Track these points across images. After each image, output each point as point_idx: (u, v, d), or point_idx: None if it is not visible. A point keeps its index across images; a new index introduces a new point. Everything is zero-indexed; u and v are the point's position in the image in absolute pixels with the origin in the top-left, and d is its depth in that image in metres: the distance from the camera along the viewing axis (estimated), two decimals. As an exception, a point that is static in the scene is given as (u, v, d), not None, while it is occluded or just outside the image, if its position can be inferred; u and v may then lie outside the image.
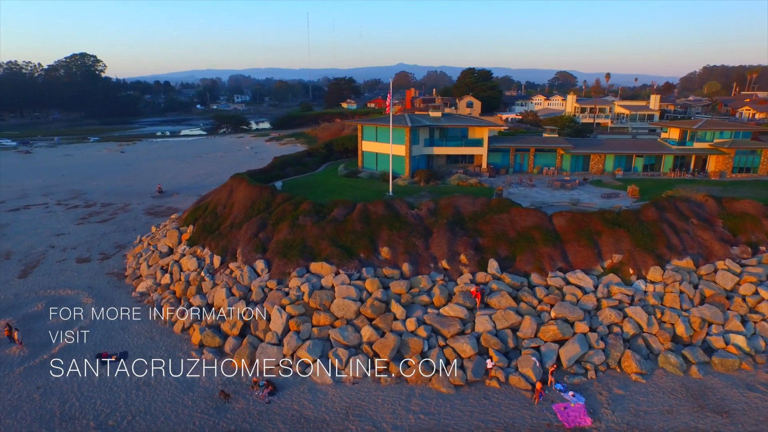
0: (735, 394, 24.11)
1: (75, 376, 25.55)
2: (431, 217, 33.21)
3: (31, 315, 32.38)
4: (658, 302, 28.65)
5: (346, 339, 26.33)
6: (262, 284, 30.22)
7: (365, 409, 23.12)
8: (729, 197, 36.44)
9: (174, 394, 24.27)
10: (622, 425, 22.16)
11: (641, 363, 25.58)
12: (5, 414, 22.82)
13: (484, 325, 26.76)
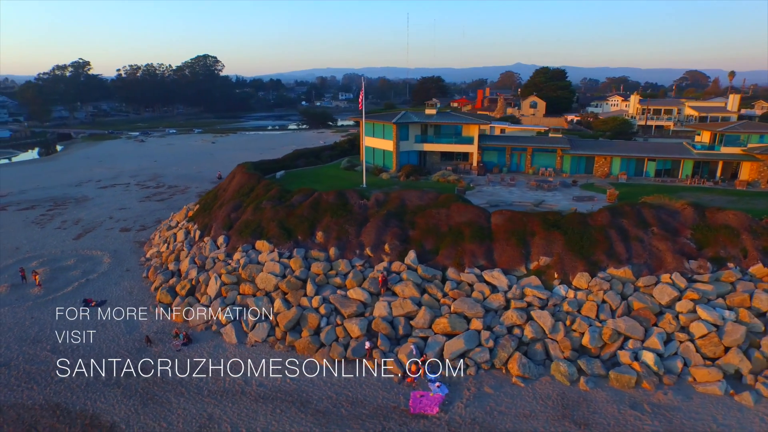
0: (611, 410, 22.82)
1: (62, 314, 32.94)
2: (375, 208, 35.24)
3: (62, 267, 41.39)
4: (574, 310, 27.48)
5: (259, 307, 30.03)
6: (215, 256, 35.26)
7: (248, 366, 26.61)
8: (715, 207, 32.50)
9: (117, 335, 30.25)
10: (466, 420, 22.63)
11: (529, 367, 25.22)
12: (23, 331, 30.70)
13: (381, 310, 28.46)
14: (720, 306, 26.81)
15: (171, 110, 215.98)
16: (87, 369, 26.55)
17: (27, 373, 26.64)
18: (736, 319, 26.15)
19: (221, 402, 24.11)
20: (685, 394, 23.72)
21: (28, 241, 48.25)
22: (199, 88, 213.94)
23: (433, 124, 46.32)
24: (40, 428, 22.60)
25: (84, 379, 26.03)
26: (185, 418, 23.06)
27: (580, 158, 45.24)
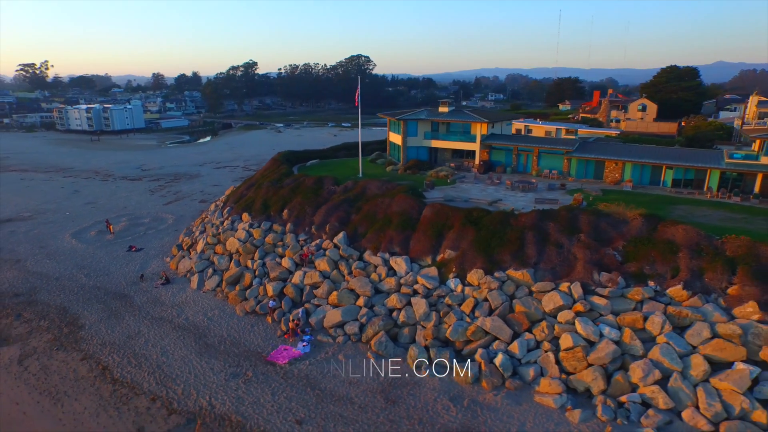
0: (429, 396, 24.41)
1: (110, 254, 45.74)
2: (339, 194, 39.98)
3: (139, 223, 55.69)
4: (455, 303, 28.61)
5: (219, 264, 37.86)
6: (216, 223, 44.33)
7: (191, 306, 34.60)
8: (671, 220, 29.02)
9: (129, 272, 41.36)
10: (301, 374, 26.75)
11: (386, 346, 27.80)
12: (64, 256, 44.54)
13: (296, 278, 33.61)
14: (609, 323, 25.14)
15: (323, 105, 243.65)
16: (95, 290, 37.79)
17: (63, 286, 39.07)
18: (618, 338, 24.41)
19: (152, 325, 32.46)
20: (516, 401, 23.72)
21: (134, 203, 65.11)
22: (349, 85, 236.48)
23: (443, 122, 48.22)
24: (47, 319, 33.89)
25: (88, 293, 37.21)
26: (123, 329, 31.99)
27: (588, 162, 41.95)
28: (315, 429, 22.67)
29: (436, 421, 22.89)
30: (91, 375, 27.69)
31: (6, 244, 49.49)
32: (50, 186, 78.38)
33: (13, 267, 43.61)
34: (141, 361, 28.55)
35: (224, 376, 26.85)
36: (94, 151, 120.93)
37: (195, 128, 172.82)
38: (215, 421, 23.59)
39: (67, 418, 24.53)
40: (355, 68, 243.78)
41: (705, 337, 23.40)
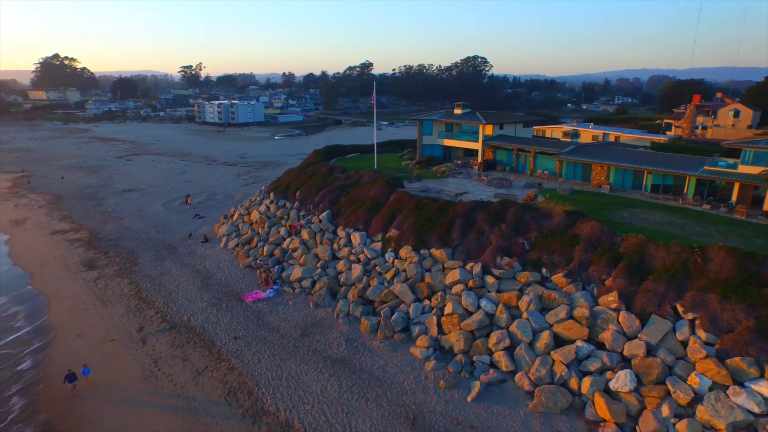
0: (333, 336, 32.06)
1: (180, 219, 60.15)
2: (342, 180, 48.42)
3: (213, 198, 70.51)
4: (384, 272, 35.37)
5: (241, 230, 49.07)
6: (253, 200, 55.82)
7: (211, 259, 46.12)
8: (592, 218, 32.05)
9: (185, 233, 54.69)
10: (255, 307, 36.05)
11: (323, 298, 35.84)
12: (149, 218, 59.79)
13: (285, 244, 43.02)
14: (490, 298, 29.99)
15: (436, 105, 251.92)
16: (156, 241, 51.66)
17: (138, 237, 53.82)
18: (492, 311, 29.23)
19: (180, 267, 44.54)
20: (394, 349, 30.06)
21: (219, 183, 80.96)
22: (464, 86, 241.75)
23: (455, 122, 53.59)
24: (120, 257, 48.11)
25: (151, 243, 51.09)
26: (161, 268, 44.58)
27: (576, 164, 43.85)
28: (242, 342, 31.73)
29: (326, 351, 30.39)
30: (129, 293, 40.26)
31: (118, 206, 67.39)
32: (168, 167, 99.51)
33: (115, 222, 60.26)
34: (161, 289, 40.46)
35: (206, 304, 37.29)
36: (215, 141, 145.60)
37: (307, 123, 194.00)
38: (188, 330, 33.97)
39: (105, 315, 37.01)
40: (471, 69, 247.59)
41: (561, 317, 27.26)
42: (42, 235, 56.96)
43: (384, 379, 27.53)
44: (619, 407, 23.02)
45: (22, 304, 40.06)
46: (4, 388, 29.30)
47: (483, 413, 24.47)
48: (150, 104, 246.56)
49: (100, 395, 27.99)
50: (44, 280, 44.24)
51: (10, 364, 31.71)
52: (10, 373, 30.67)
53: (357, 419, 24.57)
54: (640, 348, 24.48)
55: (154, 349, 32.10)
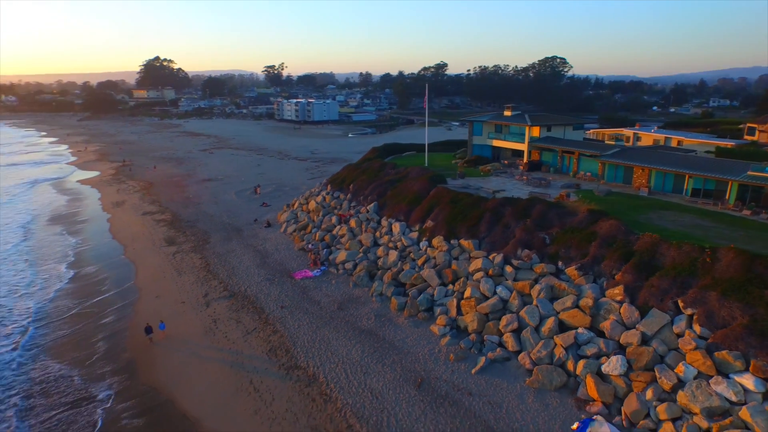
0: (365, 311, 36.57)
1: (249, 206, 67.61)
2: (392, 176, 52.79)
3: (280, 188, 77.81)
4: (417, 258, 39.25)
5: (299, 218, 55.06)
6: (314, 191, 61.75)
7: (271, 241, 52.42)
8: (610, 216, 33.91)
9: (250, 218, 61.88)
10: (303, 283, 41.33)
11: (362, 279, 40.34)
12: (222, 204, 67.77)
13: (335, 231, 48.17)
14: (507, 286, 32.95)
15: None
16: (226, 224, 59.09)
17: (212, 220, 61.70)
18: (506, 297, 32.23)
19: (243, 247, 51.24)
20: (416, 325, 33.94)
21: (288, 176, 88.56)
22: (540, 87, 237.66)
23: (503, 124, 55.92)
24: (195, 236, 55.89)
25: (221, 226, 58.56)
26: (227, 247, 51.54)
27: (618, 167, 44.63)
28: (287, 311, 37.09)
29: (357, 323, 34.92)
30: (200, 266, 47.34)
31: (198, 193, 76.63)
32: (245, 160, 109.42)
33: (194, 206, 69.00)
34: (225, 264, 47.16)
35: (261, 279, 43.26)
36: (290, 137, 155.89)
37: (380, 122, 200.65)
38: (243, 298, 40.02)
39: (179, 283, 44.15)
40: (549, 70, 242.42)
41: (567, 305, 29.75)
42: (135, 215, 66.76)
43: (402, 349, 31.55)
44: (608, 388, 25.39)
45: (117, 269, 48.53)
46: (97, 332, 36.89)
47: (483, 384, 27.76)
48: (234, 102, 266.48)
49: (170, 345, 34.45)
50: (134, 252, 52.78)
51: (105, 314, 39.48)
52: (103, 322, 38.31)
53: (372, 378, 28.83)
54: (635, 337, 26.55)
55: (215, 311, 38.37)
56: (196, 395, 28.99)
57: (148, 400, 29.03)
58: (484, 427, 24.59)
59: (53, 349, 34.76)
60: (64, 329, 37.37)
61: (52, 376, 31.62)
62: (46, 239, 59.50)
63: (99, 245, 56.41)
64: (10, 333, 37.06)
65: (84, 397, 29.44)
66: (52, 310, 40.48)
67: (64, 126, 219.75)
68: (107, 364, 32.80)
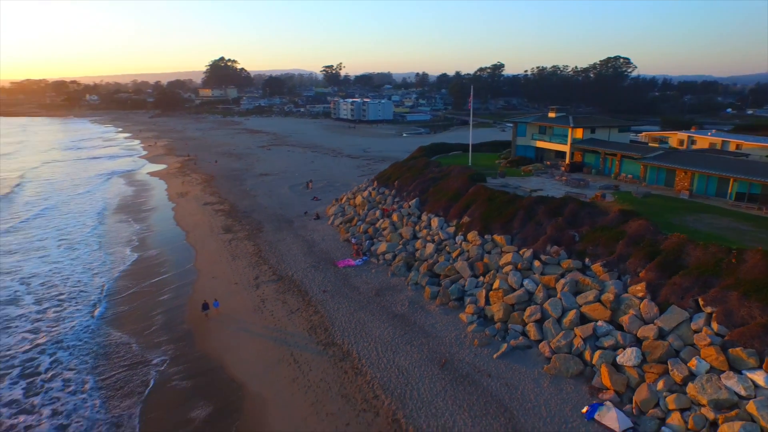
0: (400, 298, 39.38)
1: (300, 199, 72.13)
2: (435, 173, 55.25)
3: (331, 184, 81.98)
4: (452, 251, 41.58)
5: (346, 211, 58.66)
6: (361, 186, 65.21)
7: (318, 232, 56.33)
8: (640, 217, 34.81)
9: (300, 210, 66.24)
10: (345, 271, 44.65)
11: (400, 269, 43.15)
12: (276, 197, 72.69)
13: (377, 223, 51.33)
14: (533, 279, 34.74)
15: (570, 108, 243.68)
16: (278, 216, 63.70)
17: (265, 211, 66.57)
18: (533, 290, 34.04)
19: (292, 236, 55.43)
20: (446, 313, 36.38)
21: (339, 173, 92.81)
22: (601, 88, 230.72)
23: (548, 125, 56.83)
24: (250, 225, 60.83)
25: (274, 216, 63.21)
26: (278, 236, 55.92)
27: (660, 169, 44.59)
28: (328, 295, 40.53)
29: (391, 308, 37.80)
30: (252, 252, 51.87)
31: (254, 187, 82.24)
32: (300, 157, 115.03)
33: (250, 198, 74.41)
34: (275, 251, 51.42)
35: (307, 265, 47.05)
36: (344, 136, 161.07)
37: (434, 123, 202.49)
38: (289, 282, 43.92)
39: (233, 266, 48.79)
40: (611, 71, 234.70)
41: (589, 299, 31.25)
42: (197, 205, 72.93)
43: (431, 333, 34.11)
44: (621, 378, 26.86)
45: (179, 252, 54.00)
46: (158, 306, 41.91)
47: (502, 368, 29.86)
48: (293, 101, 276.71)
49: (223, 321, 38.70)
50: (195, 238, 58.26)
51: (167, 291, 44.60)
52: (164, 299, 43.34)
53: (400, 357, 31.61)
54: (652, 331, 27.77)
55: (264, 293, 42.43)
56: (242, 363, 32.87)
57: (199, 365, 33.16)
58: (498, 405, 26.78)
59: (120, 320, 39.79)
60: (129, 304, 42.56)
61: (115, 342, 36.34)
62: (117, 225, 66.53)
63: (164, 231, 62.54)
64: (87, 304, 42.71)
65: (140, 361, 33.81)
66: (120, 287, 46.05)
67: (137, 123, 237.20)
68: (164, 334, 37.27)
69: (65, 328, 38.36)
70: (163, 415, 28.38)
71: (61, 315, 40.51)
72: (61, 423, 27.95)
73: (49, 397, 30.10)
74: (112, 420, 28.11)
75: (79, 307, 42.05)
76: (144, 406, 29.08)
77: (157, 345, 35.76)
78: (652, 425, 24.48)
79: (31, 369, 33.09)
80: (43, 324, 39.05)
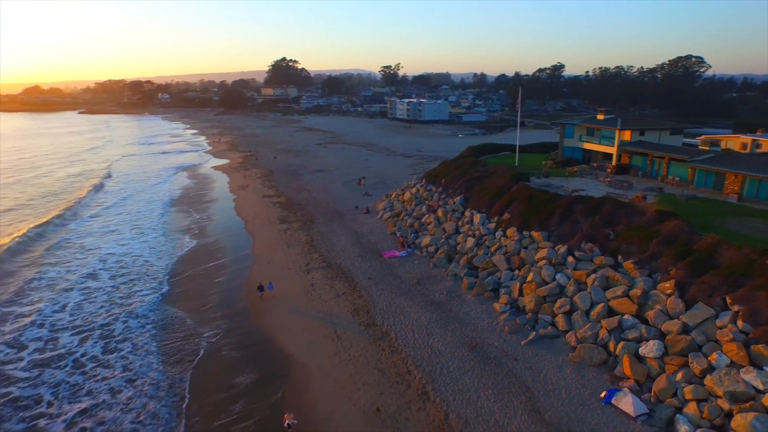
0: (438, 287, 42.06)
1: (353, 195, 76.11)
2: (480, 172, 57.35)
3: (385, 182, 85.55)
4: (490, 245, 43.81)
5: (395, 206, 61.92)
6: (410, 183, 68.22)
7: (367, 224, 59.90)
8: (676, 217, 35.61)
9: (351, 204, 70.11)
10: (390, 262, 47.88)
11: (441, 261, 45.87)
12: (329, 192, 77.11)
13: (423, 218, 54.17)
14: (566, 273, 36.46)
15: (634, 111, 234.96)
16: (331, 209, 67.90)
17: (318, 205, 71.09)
18: (564, 284, 35.80)
19: (342, 228, 59.33)
20: (481, 303, 38.75)
21: (391, 171, 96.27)
22: (670, 89, 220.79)
23: (595, 127, 57.31)
24: (304, 217, 65.40)
25: (327, 210, 67.45)
26: (329, 228, 59.98)
27: (708, 173, 44.25)
28: (372, 282, 43.85)
29: (429, 296, 40.60)
30: (305, 241, 56.16)
31: (309, 182, 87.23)
32: (355, 154, 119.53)
33: (306, 193, 79.27)
34: (326, 241, 55.46)
35: (355, 255, 50.66)
36: (399, 135, 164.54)
37: (490, 124, 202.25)
38: (337, 269, 47.65)
39: (287, 253, 53.23)
40: (681, 71, 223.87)
41: (617, 294, 32.70)
42: (256, 197, 78.60)
43: (464, 320, 36.63)
44: (642, 368, 28.34)
45: (239, 239, 59.22)
46: (217, 287, 46.80)
47: (529, 354, 31.97)
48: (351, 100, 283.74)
49: (276, 301, 42.85)
50: (253, 227, 63.43)
51: (225, 273, 49.57)
52: (222, 280, 48.22)
53: (434, 339, 34.38)
54: (676, 326, 28.97)
55: (313, 278, 46.35)
56: (291, 338, 36.75)
57: (252, 338, 37.22)
58: (521, 385, 29.01)
59: (180, 297, 44.60)
60: (189, 284, 47.47)
61: (174, 316, 40.79)
62: (182, 213, 73.10)
63: (225, 220, 68.29)
64: (154, 281, 48.06)
65: (195, 333, 38.03)
66: (182, 268, 51.31)
67: (203, 120, 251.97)
68: (221, 311, 41.40)
69: (134, 301, 43.75)
70: (212, 379, 32.31)
71: (132, 290, 46.05)
72: (129, 377, 32.73)
73: (121, 356, 35.11)
74: (168, 380, 32.44)
75: (147, 284, 47.54)
76: (193, 372, 33.10)
77: (212, 320, 40.01)
78: (668, 412, 25.93)
79: (107, 332, 38.49)
80: (117, 296, 44.73)
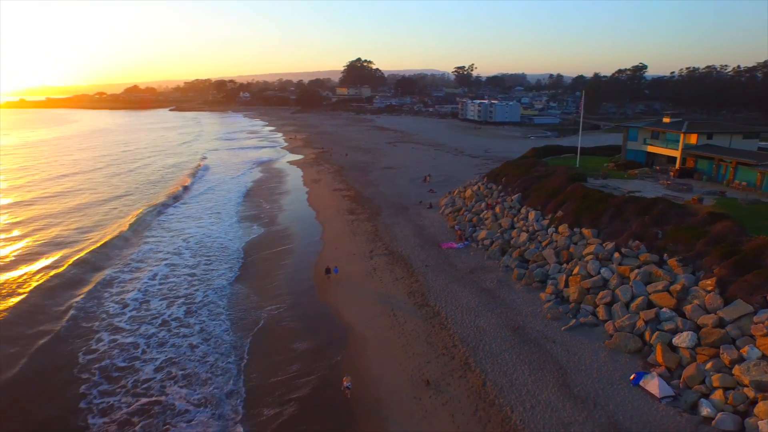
0: (490, 277, 45.45)
1: (418, 191, 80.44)
2: (541, 172, 59.63)
3: (448, 178, 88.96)
4: (541, 240, 46.46)
5: (456, 202, 65.54)
6: (472, 181, 71.43)
7: (429, 218, 64.03)
8: (728, 219, 36.75)
9: (415, 199, 74.40)
10: (447, 252, 51.70)
11: (494, 253, 49.13)
12: (395, 187, 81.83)
13: (481, 213, 57.47)
14: (610, 267, 38.67)
15: (726, 114, 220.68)
16: (396, 203, 72.64)
17: (385, 199, 76.06)
18: (608, 277, 38.05)
19: (405, 221, 63.80)
20: (529, 292, 41.70)
21: (457, 170, 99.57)
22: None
23: (660, 131, 57.48)
24: (371, 209, 70.60)
25: (392, 203, 72.24)
26: (393, 219, 64.71)
27: None
28: (429, 269, 47.94)
29: (480, 284, 44.09)
30: (370, 231, 61.25)
31: (378, 178, 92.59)
32: (423, 153, 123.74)
33: (373, 188, 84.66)
34: (389, 231, 60.23)
35: (415, 245, 54.98)
36: (468, 136, 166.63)
37: (562, 126, 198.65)
38: (398, 256, 52.21)
39: (353, 241, 58.49)
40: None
41: (658, 288, 34.62)
42: (327, 191, 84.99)
43: (511, 306, 39.86)
44: (673, 357, 30.39)
45: (310, 228, 65.43)
46: (287, 268, 52.78)
47: (567, 338, 34.74)
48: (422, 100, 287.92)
49: (341, 283, 47.99)
50: (323, 217, 69.46)
51: (296, 257, 55.60)
52: (291, 262, 54.21)
53: (480, 320, 37.97)
54: (711, 320, 30.67)
55: (376, 263, 51.16)
56: (352, 313, 41.68)
57: (314, 311, 42.23)
58: (555, 363, 32.01)
59: (253, 276, 51.00)
60: (264, 264, 53.83)
61: (244, 292, 46.92)
62: (259, 203, 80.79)
63: (299, 210, 75.01)
64: (229, 264, 54.74)
65: (256, 306, 43.75)
66: (258, 251, 57.96)
67: (280, 118, 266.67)
68: (288, 288, 46.97)
69: (212, 276, 50.47)
70: (272, 346, 37.23)
71: (210, 267, 52.89)
72: (204, 337, 38.91)
73: (199, 320, 41.51)
74: (233, 342, 38.17)
75: (223, 264, 54.12)
76: (253, 339, 38.17)
77: (276, 296, 45.38)
78: (693, 396, 27.96)
79: (190, 300, 45.26)
80: (197, 272, 51.72)
